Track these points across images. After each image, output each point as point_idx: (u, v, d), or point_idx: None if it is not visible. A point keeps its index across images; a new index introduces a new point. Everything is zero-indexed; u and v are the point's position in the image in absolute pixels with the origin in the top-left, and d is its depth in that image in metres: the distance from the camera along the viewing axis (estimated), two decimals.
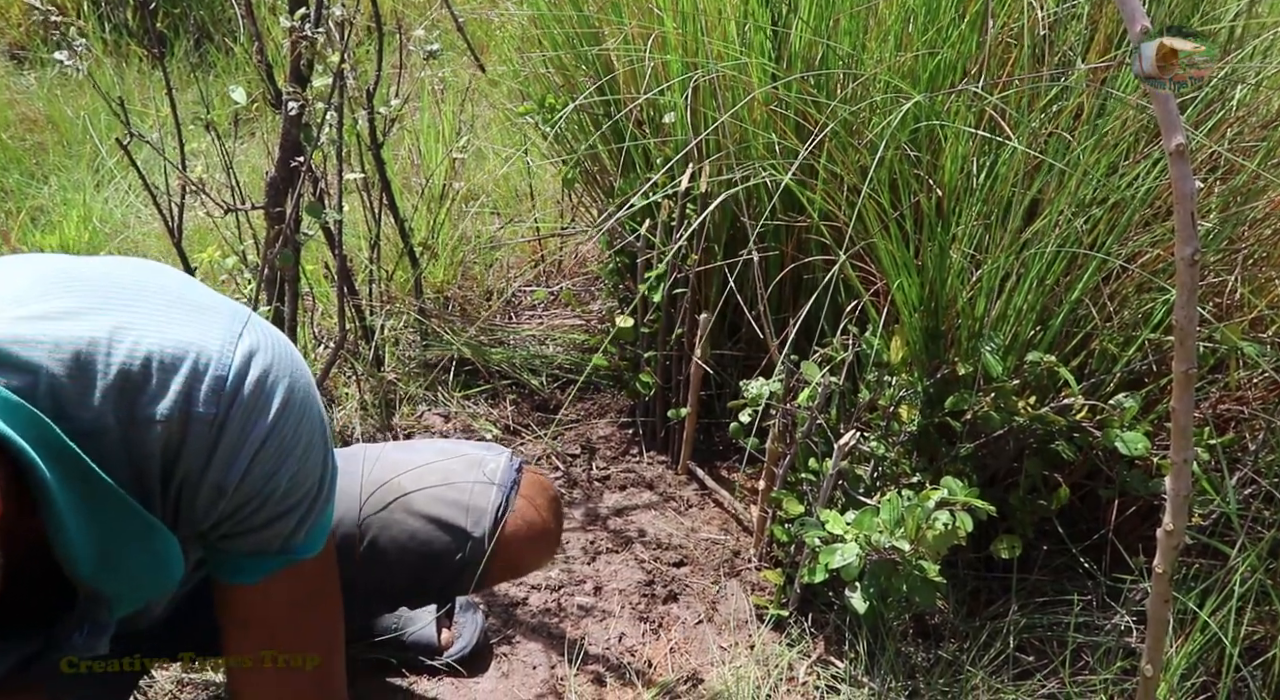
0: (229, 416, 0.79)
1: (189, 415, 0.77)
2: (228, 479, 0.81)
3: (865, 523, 1.35)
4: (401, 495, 1.21)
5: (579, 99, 1.84)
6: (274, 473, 0.83)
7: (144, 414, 0.76)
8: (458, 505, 1.21)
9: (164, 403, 0.76)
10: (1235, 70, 1.52)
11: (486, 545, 1.20)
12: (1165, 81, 0.85)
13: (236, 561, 0.90)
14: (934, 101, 1.55)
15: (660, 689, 1.47)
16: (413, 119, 2.65)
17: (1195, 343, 0.93)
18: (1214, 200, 1.50)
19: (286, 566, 0.91)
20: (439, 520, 1.21)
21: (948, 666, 1.48)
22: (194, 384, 0.77)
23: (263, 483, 0.83)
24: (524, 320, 2.30)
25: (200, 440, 0.79)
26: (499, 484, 1.23)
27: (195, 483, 0.81)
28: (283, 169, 1.58)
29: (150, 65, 3.39)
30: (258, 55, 1.65)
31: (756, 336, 1.70)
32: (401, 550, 1.20)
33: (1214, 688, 1.39)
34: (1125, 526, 1.55)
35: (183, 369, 0.77)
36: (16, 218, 2.62)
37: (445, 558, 1.21)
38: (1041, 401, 1.47)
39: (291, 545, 0.90)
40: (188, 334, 0.78)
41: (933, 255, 1.48)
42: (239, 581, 0.92)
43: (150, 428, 0.77)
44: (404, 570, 1.21)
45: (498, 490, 1.22)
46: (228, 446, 0.80)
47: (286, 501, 0.86)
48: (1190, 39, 0.83)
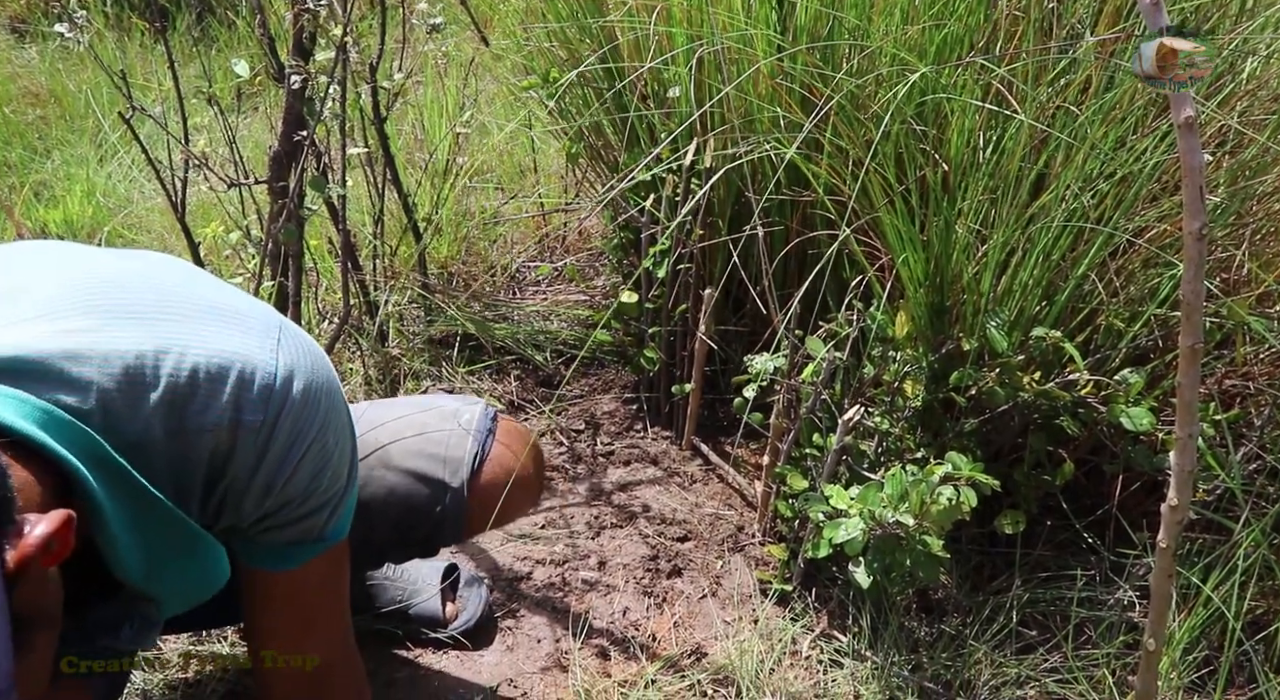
0: (277, 424, 0.82)
1: (239, 423, 0.80)
2: (275, 481, 0.85)
3: (869, 498, 1.35)
4: (378, 449, 1.21)
5: (581, 66, 1.83)
6: (318, 472, 0.87)
7: (193, 424, 0.79)
8: (435, 457, 1.22)
9: (213, 413, 0.79)
10: (1247, 42, 1.50)
11: (465, 494, 1.21)
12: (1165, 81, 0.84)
13: (276, 550, 0.94)
14: (941, 75, 1.54)
15: (664, 663, 1.48)
16: (416, 93, 2.63)
17: (1202, 318, 0.93)
18: (1222, 174, 1.49)
19: (323, 552, 0.96)
20: (417, 473, 1.21)
21: (950, 641, 1.49)
22: (242, 393, 0.80)
23: (307, 482, 0.87)
24: (528, 296, 2.30)
25: (249, 447, 0.82)
26: (474, 433, 1.23)
27: (243, 487, 0.84)
28: (286, 143, 1.57)
29: (152, 39, 3.37)
30: (260, 29, 1.64)
31: (761, 312, 1.70)
32: (382, 505, 1.21)
33: (1216, 662, 1.40)
34: (1129, 502, 1.55)
35: (230, 379, 0.79)
36: (20, 192, 2.62)
37: (425, 510, 1.22)
38: (1046, 377, 1.47)
39: (326, 532, 0.94)
40: (230, 344, 0.80)
41: (938, 230, 1.47)
42: (279, 568, 0.96)
43: (200, 437, 0.79)
44: (386, 524, 1.22)
45: (473, 439, 1.23)
46: (277, 452, 0.83)
47: (325, 496, 0.91)
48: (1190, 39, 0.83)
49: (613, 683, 1.44)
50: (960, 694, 1.43)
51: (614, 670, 1.47)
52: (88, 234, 2.48)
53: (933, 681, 1.44)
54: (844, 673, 1.45)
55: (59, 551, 0.66)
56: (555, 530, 1.72)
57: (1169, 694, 1.40)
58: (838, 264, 1.58)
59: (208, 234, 1.76)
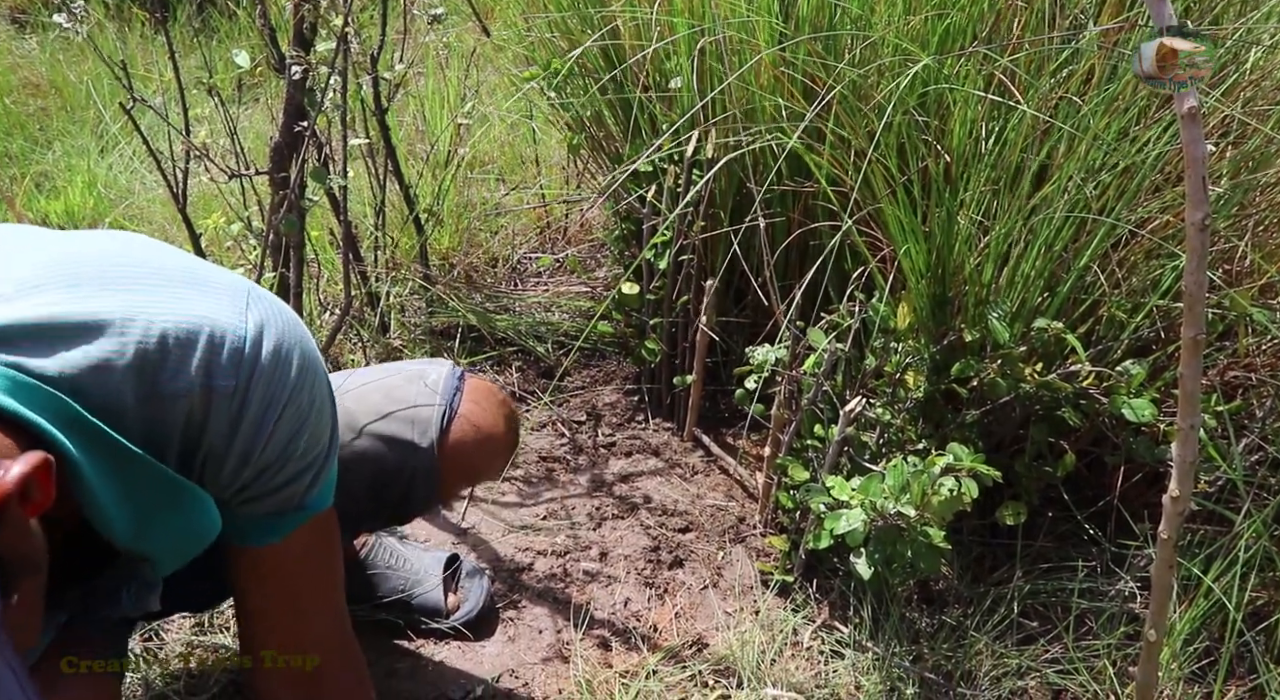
0: (250, 388, 0.81)
1: (210, 389, 0.80)
2: (253, 446, 0.84)
3: (871, 489, 1.35)
4: (346, 417, 1.20)
5: (580, 49, 1.82)
6: (294, 436, 0.86)
7: (166, 390, 0.78)
8: (403, 419, 1.21)
9: (184, 378, 0.78)
10: (1251, 32, 1.50)
11: (435, 454, 1.20)
12: (1165, 81, 0.84)
13: (256, 523, 0.93)
14: (943, 65, 1.53)
15: (665, 653, 1.48)
16: (417, 84, 2.63)
17: (1204, 309, 0.92)
18: (1225, 165, 1.48)
19: (304, 522, 0.94)
20: (385, 436, 1.21)
21: (951, 632, 1.49)
22: (212, 358, 0.79)
23: (285, 446, 0.86)
24: (529, 287, 2.30)
25: (223, 413, 0.81)
26: (441, 392, 1.23)
27: (221, 454, 0.83)
28: (287, 134, 1.57)
29: (153, 30, 3.36)
30: (261, 19, 1.64)
31: (762, 303, 1.70)
32: (355, 470, 1.20)
33: (1217, 653, 1.40)
34: (1130, 493, 1.55)
35: (199, 344, 0.79)
36: (21, 183, 2.62)
37: (397, 473, 1.21)
38: (1048, 368, 1.47)
39: (306, 501, 0.93)
40: (198, 309, 0.80)
41: (940, 221, 1.47)
42: (264, 542, 0.95)
43: (174, 403, 0.79)
44: (360, 489, 1.21)
45: (441, 398, 1.22)
46: (252, 416, 0.82)
47: (304, 461, 0.89)
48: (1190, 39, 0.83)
49: (614, 673, 1.45)
50: (961, 685, 1.43)
51: (615, 661, 1.48)
52: (89, 225, 2.48)
53: (934, 672, 1.44)
54: (845, 663, 1.46)
55: (40, 500, 0.65)
56: (557, 521, 1.72)
57: (1169, 684, 1.40)
58: (839, 255, 1.58)
59: (209, 225, 1.76)
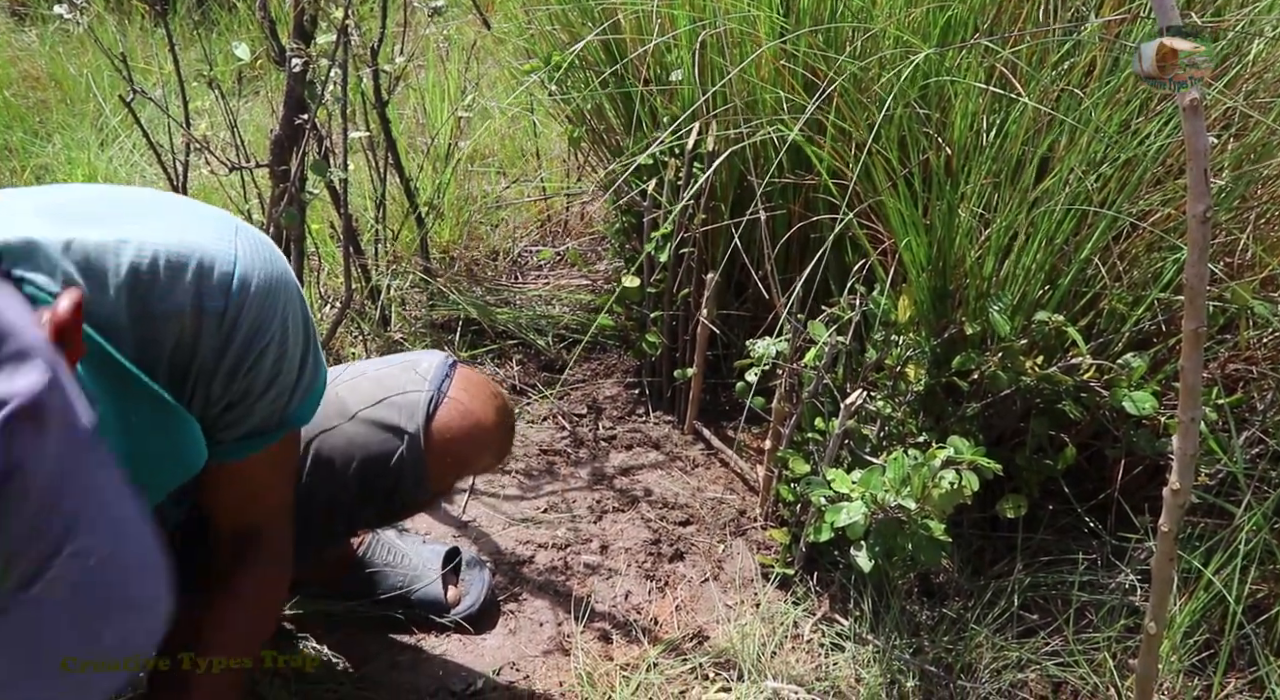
0: (242, 311, 0.85)
1: (201, 310, 0.83)
2: (241, 366, 0.87)
3: (871, 481, 1.35)
4: (339, 404, 1.22)
5: (581, 42, 1.82)
6: (281, 355, 0.90)
7: (158, 310, 0.82)
8: (392, 405, 1.22)
9: (175, 299, 0.82)
10: (1253, 23, 1.49)
11: (421, 440, 1.21)
12: (1165, 81, 0.84)
13: (238, 442, 0.96)
14: (944, 57, 1.53)
15: (666, 646, 1.48)
16: (417, 77, 2.62)
17: (1205, 302, 0.92)
18: (1227, 157, 1.48)
19: (281, 437, 0.98)
20: (374, 421, 1.22)
21: (952, 624, 1.49)
22: (203, 281, 0.83)
23: (271, 364, 0.90)
24: (530, 280, 2.30)
25: (213, 332, 0.85)
26: (430, 379, 1.24)
27: (210, 373, 0.87)
28: (287, 127, 1.57)
29: (152, 22, 3.36)
30: (261, 12, 1.63)
31: (763, 296, 1.70)
32: (344, 457, 1.22)
33: (1217, 645, 1.40)
34: (1131, 486, 1.55)
35: (190, 267, 0.82)
36: (21, 176, 2.61)
37: (385, 458, 1.22)
38: (1049, 361, 1.47)
39: (288, 415, 0.96)
40: (189, 236, 0.84)
41: (941, 214, 1.47)
42: (242, 456, 0.97)
43: (166, 322, 0.82)
44: (350, 476, 1.22)
45: (429, 384, 1.23)
46: (242, 338, 0.86)
47: (287, 378, 0.93)
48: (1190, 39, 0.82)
49: (615, 666, 1.45)
50: (961, 677, 1.43)
51: (616, 653, 1.48)
52: None
53: (934, 665, 1.44)
54: (845, 656, 1.46)
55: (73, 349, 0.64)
56: (557, 514, 1.73)
57: (1169, 677, 1.40)
58: (840, 248, 1.58)
59: None
